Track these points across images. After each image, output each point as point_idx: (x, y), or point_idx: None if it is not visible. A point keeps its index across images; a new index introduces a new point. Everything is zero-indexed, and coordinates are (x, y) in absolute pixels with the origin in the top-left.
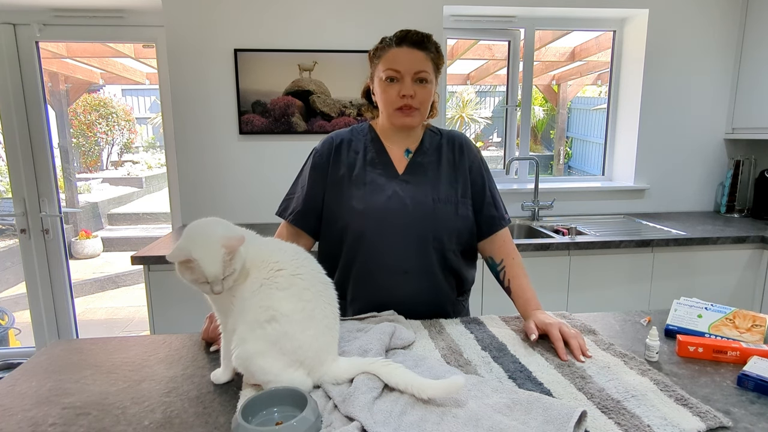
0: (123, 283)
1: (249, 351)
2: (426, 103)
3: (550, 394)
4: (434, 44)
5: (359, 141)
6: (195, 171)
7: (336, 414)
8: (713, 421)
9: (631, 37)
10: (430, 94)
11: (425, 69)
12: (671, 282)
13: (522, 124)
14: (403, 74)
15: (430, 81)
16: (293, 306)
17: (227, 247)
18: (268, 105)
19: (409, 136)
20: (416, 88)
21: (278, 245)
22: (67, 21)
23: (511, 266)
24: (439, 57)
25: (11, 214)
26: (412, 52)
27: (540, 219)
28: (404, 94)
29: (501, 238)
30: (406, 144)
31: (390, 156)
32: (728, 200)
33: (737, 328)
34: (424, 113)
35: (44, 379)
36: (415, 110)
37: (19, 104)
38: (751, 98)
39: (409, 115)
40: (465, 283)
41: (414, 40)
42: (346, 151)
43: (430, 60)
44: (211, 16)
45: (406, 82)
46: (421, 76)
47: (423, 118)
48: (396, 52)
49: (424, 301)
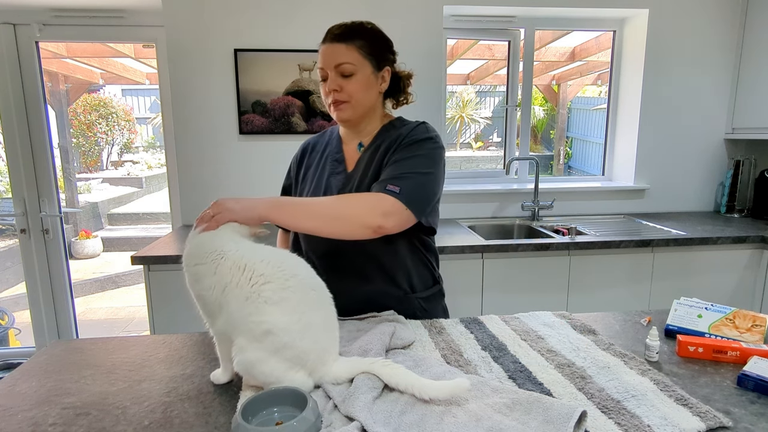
0: (123, 283)
1: (250, 359)
2: (358, 94)
3: (550, 394)
4: (364, 30)
5: (324, 141)
6: (195, 171)
7: (336, 414)
8: (713, 421)
9: (631, 37)
10: (359, 84)
11: (347, 60)
12: (671, 282)
13: (522, 124)
14: (327, 70)
15: (357, 71)
16: (288, 318)
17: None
18: (268, 105)
19: (361, 130)
20: (341, 81)
21: (260, 255)
22: (67, 21)
23: None
24: (373, 41)
25: (11, 214)
26: (332, 46)
27: (540, 219)
28: (328, 89)
29: None
30: (359, 138)
31: (344, 152)
32: (728, 200)
33: (737, 328)
34: (358, 105)
35: (44, 379)
36: (344, 104)
37: (19, 104)
38: (751, 98)
39: (339, 109)
40: (410, 277)
41: (335, 34)
42: (310, 153)
43: (356, 49)
44: (211, 16)
45: (330, 77)
46: (343, 70)
47: (357, 110)
48: (322, 49)
49: (358, 299)
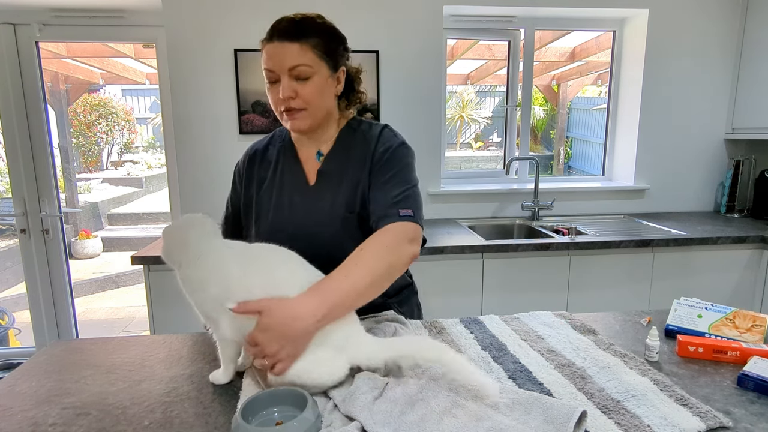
0: (123, 283)
1: (298, 368)
2: (315, 100)
3: (550, 394)
4: (317, 27)
5: (275, 148)
6: (195, 171)
7: (336, 414)
8: (713, 421)
9: (631, 37)
10: (315, 88)
11: (302, 62)
12: (671, 282)
13: (522, 124)
14: (278, 73)
15: (314, 73)
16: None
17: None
18: (268, 105)
19: (319, 137)
20: (296, 86)
21: (241, 261)
22: (67, 21)
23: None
24: (329, 40)
25: (11, 214)
26: (283, 46)
27: (540, 219)
28: (282, 96)
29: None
30: (317, 145)
31: (302, 162)
32: (728, 200)
33: (737, 328)
34: (316, 112)
35: (44, 379)
36: (300, 111)
37: (19, 104)
38: (751, 98)
39: (294, 118)
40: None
41: (284, 31)
42: (259, 163)
43: (311, 49)
44: (211, 15)
45: (283, 82)
46: (298, 72)
47: (316, 118)
48: (268, 48)
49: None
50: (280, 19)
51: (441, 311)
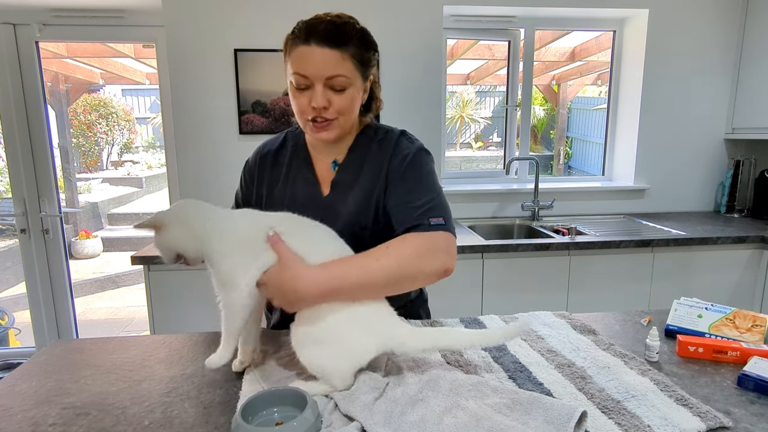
0: (123, 283)
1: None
2: (347, 111)
3: (550, 395)
4: (357, 33)
5: (287, 150)
6: (195, 171)
7: (336, 414)
8: (713, 421)
9: (631, 37)
10: (350, 100)
11: (340, 73)
12: (671, 282)
13: (522, 124)
14: (312, 80)
15: (350, 84)
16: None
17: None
18: (268, 105)
19: (338, 144)
20: (331, 95)
21: (273, 223)
22: (67, 21)
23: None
24: (365, 49)
25: (11, 214)
26: (322, 51)
27: (540, 219)
28: (315, 105)
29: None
30: (334, 154)
31: (315, 170)
32: (728, 200)
33: (737, 328)
34: (346, 123)
35: (44, 379)
36: (330, 122)
37: (19, 104)
38: (751, 98)
39: (324, 129)
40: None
41: (325, 35)
42: (271, 164)
43: (349, 58)
44: (211, 16)
45: (317, 91)
46: (335, 84)
47: (344, 129)
48: (303, 51)
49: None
50: (318, 20)
51: (441, 311)
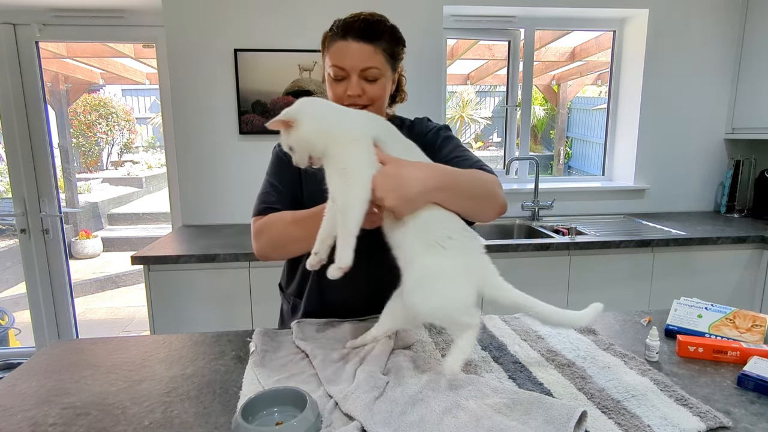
0: (123, 283)
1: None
2: (379, 99)
3: (550, 394)
4: (387, 30)
5: None
6: (195, 171)
7: (336, 414)
8: (713, 421)
9: (631, 37)
10: (382, 89)
11: (374, 65)
12: (671, 282)
13: (522, 124)
14: (348, 72)
15: (382, 75)
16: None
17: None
18: (268, 105)
19: None
20: (364, 85)
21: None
22: (67, 21)
23: None
24: (396, 44)
25: (11, 214)
26: (358, 46)
27: (540, 219)
28: (350, 93)
29: None
30: None
31: None
32: (728, 200)
33: (737, 328)
34: (378, 110)
35: (44, 379)
36: (365, 108)
37: (19, 104)
38: (751, 98)
39: None
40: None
41: (360, 31)
42: None
43: (381, 52)
44: (211, 16)
45: (352, 81)
46: (369, 75)
47: (377, 115)
48: (341, 46)
49: (385, 296)
50: (354, 18)
51: None
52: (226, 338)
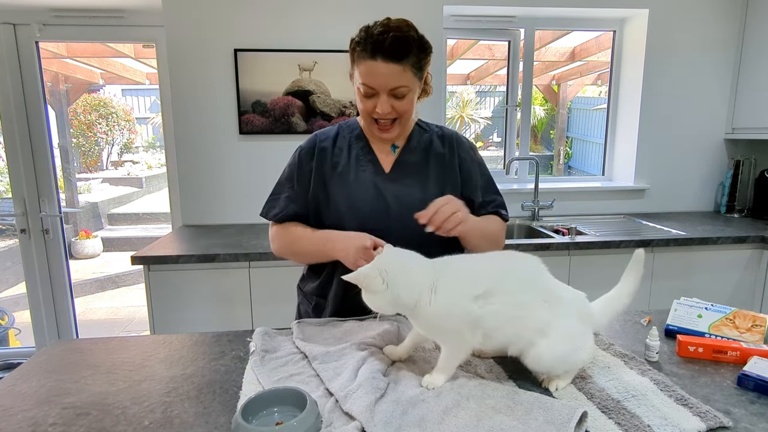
0: (123, 283)
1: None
2: (407, 113)
3: (550, 395)
4: (416, 44)
5: (345, 138)
6: (195, 171)
7: (336, 414)
8: (713, 421)
9: (631, 37)
10: (410, 103)
11: (402, 84)
12: (671, 282)
13: (522, 124)
14: (378, 91)
15: (410, 90)
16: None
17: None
18: (268, 105)
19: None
20: (393, 102)
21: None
22: (67, 21)
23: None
24: (423, 55)
25: (11, 214)
26: (387, 66)
27: (540, 219)
28: (380, 111)
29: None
30: (391, 140)
31: (376, 153)
32: (728, 200)
33: (737, 328)
34: (405, 122)
35: (44, 379)
36: (393, 122)
37: (19, 104)
38: (751, 98)
39: (387, 131)
40: None
41: (389, 52)
42: (331, 149)
43: (410, 68)
44: (211, 16)
45: (381, 99)
46: (398, 93)
47: (405, 127)
48: (371, 65)
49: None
50: (382, 34)
51: None
52: (226, 338)
